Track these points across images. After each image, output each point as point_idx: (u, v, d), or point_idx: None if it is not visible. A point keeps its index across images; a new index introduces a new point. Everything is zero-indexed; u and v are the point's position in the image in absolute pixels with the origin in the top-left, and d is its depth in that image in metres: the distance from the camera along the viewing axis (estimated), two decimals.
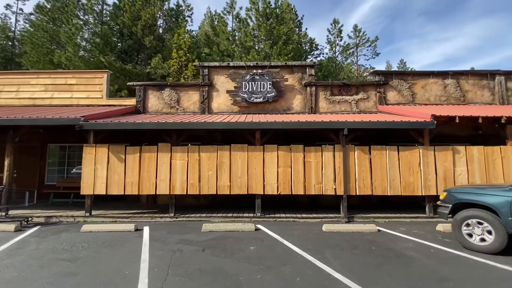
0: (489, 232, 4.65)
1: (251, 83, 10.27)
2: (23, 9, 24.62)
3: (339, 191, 7.40)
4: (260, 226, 6.65)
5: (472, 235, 4.86)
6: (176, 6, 23.38)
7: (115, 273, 3.88)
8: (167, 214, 7.53)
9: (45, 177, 10.46)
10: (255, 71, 10.33)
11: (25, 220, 6.79)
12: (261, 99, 10.19)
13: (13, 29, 23.77)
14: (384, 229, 6.37)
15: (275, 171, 7.54)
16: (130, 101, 10.64)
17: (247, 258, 4.50)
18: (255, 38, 20.69)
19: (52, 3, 19.49)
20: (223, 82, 10.53)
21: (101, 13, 20.42)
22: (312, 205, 8.87)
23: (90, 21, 19.80)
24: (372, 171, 7.44)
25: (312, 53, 25.73)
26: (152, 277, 3.75)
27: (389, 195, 7.41)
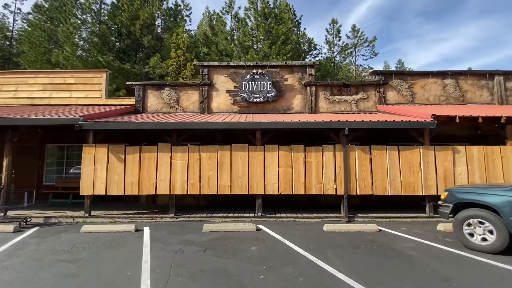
0: (491, 231, 4.67)
1: (251, 83, 10.24)
2: (21, 9, 24.62)
3: (340, 191, 7.40)
4: (261, 226, 6.64)
5: (473, 235, 4.87)
6: (174, 5, 23.36)
7: (116, 274, 3.85)
8: (167, 214, 7.49)
9: (44, 177, 10.39)
10: (255, 70, 10.31)
11: (24, 220, 6.72)
12: (261, 99, 10.17)
13: (11, 28, 23.63)
14: (385, 228, 6.38)
15: (276, 171, 7.53)
16: (129, 101, 10.58)
17: (249, 258, 4.48)
18: (254, 37, 20.66)
19: (50, 3, 19.36)
20: (223, 81, 10.49)
21: (99, 13, 20.32)
22: (312, 205, 8.86)
23: (88, 20, 19.72)
24: (372, 171, 7.44)
25: (310, 53, 25.79)
26: (154, 278, 3.72)
27: (390, 194, 7.42)
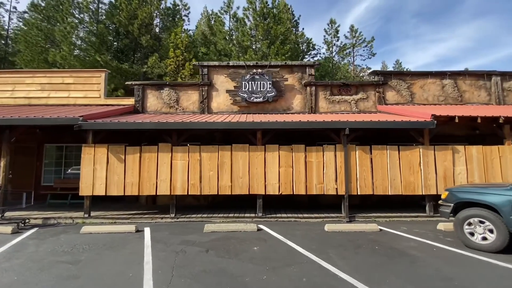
0: (491, 230, 4.70)
1: (251, 83, 10.23)
2: (16, 7, 24.28)
3: (341, 190, 7.41)
4: (262, 226, 6.63)
5: (474, 234, 4.90)
6: (172, 5, 23.29)
7: (118, 276, 3.82)
8: (167, 214, 7.46)
9: (42, 178, 10.29)
10: (255, 70, 10.30)
11: (22, 222, 6.66)
12: (261, 99, 10.16)
13: (6, 27, 23.35)
14: (385, 228, 6.40)
15: (277, 171, 7.52)
16: (128, 101, 10.51)
17: (251, 258, 4.47)
18: (253, 37, 20.64)
19: (46, 1, 19.19)
20: (223, 81, 10.47)
21: (96, 12, 20.17)
22: (312, 205, 8.87)
23: (85, 19, 19.56)
24: (373, 171, 7.46)
25: (309, 53, 25.80)
26: (156, 279, 3.69)
27: (390, 194, 7.45)
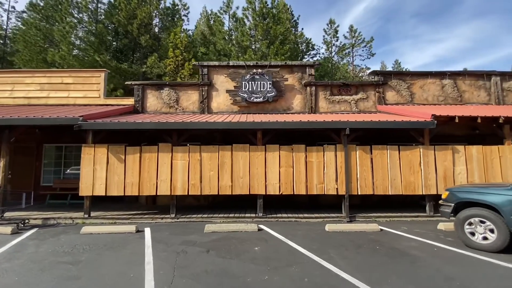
0: (492, 230, 4.71)
1: (251, 83, 10.22)
2: (15, 7, 24.10)
3: (341, 190, 7.41)
4: (262, 226, 6.62)
5: (474, 234, 4.91)
6: (172, 5, 23.26)
7: (119, 276, 3.81)
8: (168, 215, 7.44)
9: (41, 178, 10.25)
10: (255, 70, 10.29)
11: (22, 222, 6.63)
12: (261, 99, 10.15)
13: (4, 27, 23.25)
14: (386, 228, 6.40)
15: (277, 171, 7.52)
16: (128, 101, 10.49)
17: (252, 259, 4.47)
18: (252, 37, 20.64)
19: (45, 1, 19.11)
20: (223, 81, 10.46)
21: (95, 12, 20.12)
22: (313, 205, 8.87)
23: (84, 19, 19.51)
24: (373, 171, 7.47)
25: (308, 53, 25.80)
26: (158, 279, 3.68)
27: (390, 194, 7.46)
